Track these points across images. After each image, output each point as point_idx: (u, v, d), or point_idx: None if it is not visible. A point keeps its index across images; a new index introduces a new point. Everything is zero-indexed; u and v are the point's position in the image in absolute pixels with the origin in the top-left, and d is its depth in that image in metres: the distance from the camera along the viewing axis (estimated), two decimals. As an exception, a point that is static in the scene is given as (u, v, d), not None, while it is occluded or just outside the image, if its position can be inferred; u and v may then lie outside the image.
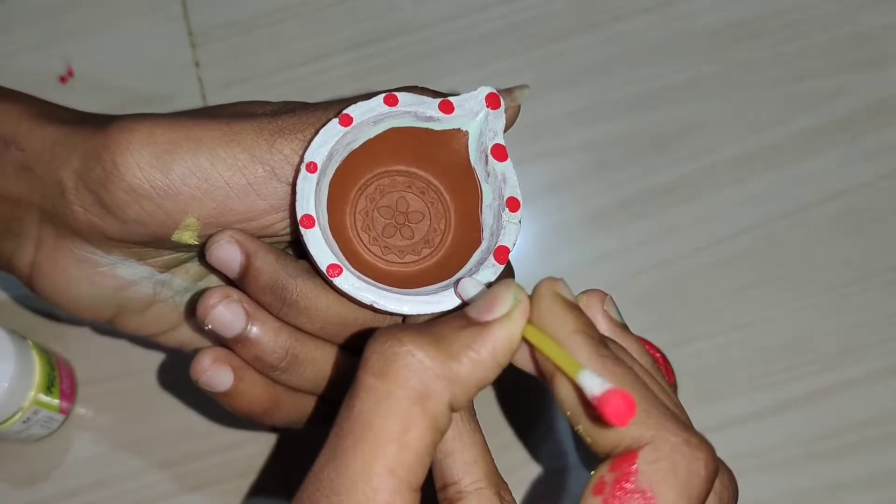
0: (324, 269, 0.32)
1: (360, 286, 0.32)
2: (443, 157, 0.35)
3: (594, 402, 0.24)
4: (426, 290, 0.33)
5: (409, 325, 0.27)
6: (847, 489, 0.45)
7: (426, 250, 0.35)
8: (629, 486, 0.24)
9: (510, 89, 0.35)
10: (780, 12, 0.52)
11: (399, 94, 0.34)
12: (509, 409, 0.47)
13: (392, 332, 0.26)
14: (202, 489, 0.46)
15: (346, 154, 0.34)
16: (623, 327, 0.31)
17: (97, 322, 0.38)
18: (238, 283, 0.34)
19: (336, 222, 0.34)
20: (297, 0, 0.53)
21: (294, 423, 0.37)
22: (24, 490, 0.46)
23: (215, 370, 0.34)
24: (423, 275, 0.34)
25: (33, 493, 0.46)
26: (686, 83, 0.51)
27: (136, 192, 0.32)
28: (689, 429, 0.26)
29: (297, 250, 0.37)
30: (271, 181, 0.33)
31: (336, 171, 0.34)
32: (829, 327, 0.47)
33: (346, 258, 0.33)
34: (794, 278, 0.48)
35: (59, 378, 0.45)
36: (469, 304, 0.28)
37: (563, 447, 0.46)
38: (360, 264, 0.34)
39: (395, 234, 0.35)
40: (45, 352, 0.45)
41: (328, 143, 0.33)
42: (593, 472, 0.26)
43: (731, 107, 0.51)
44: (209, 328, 0.34)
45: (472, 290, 0.31)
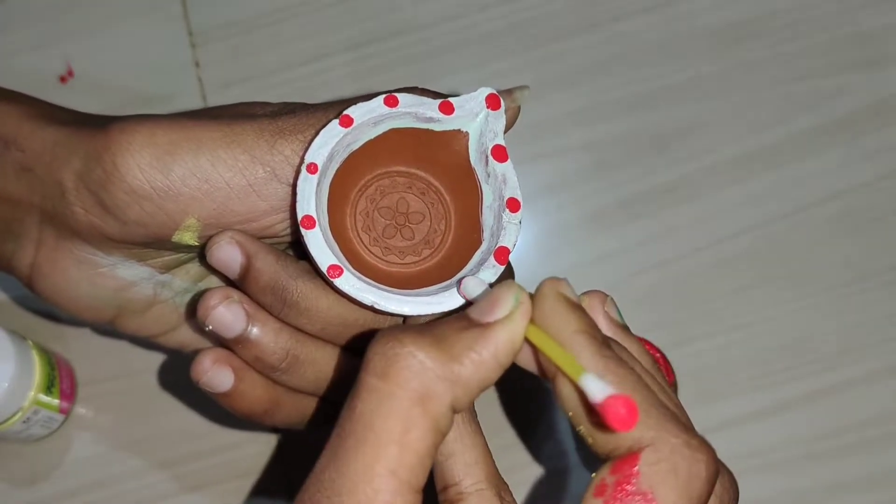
0: (324, 270, 0.32)
1: (361, 287, 0.32)
2: (443, 158, 0.35)
3: (597, 406, 0.24)
4: (427, 290, 0.33)
5: (411, 326, 0.27)
6: (847, 489, 0.45)
7: (427, 251, 0.35)
8: (630, 487, 0.25)
9: (510, 90, 0.35)
10: (780, 12, 0.52)
11: (399, 95, 0.34)
12: (510, 409, 0.47)
13: (393, 334, 0.26)
14: (202, 489, 0.46)
15: (346, 155, 0.34)
16: (624, 328, 0.31)
17: (97, 323, 0.37)
18: (238, 284, 0.34)
19: (336, 223, 0.34)
20: (297, 0, 0.53)
21: (294, 423, 0.37)
22: (24, 490, 0.46)
23: (216, 371, 0.34)
24: (424, 275, 0.34)
25: (33, 493, 0.46)
26: (686, 83, 0.51)
27: (136, 193, 0.32)
28: (689, 430, 0.26)
29: (298, 251, 0.37)
30: (272, 182, 0.33)
31: (336, 172, 0.34)
32: (829, 327, 0.47)
33: (347, 259, 0.33)
34: (794, 278, 0.48)
35: (59, 378, 0.45)
36: (471, 304, 0.28)
37: (564, 447, 0.46)
38: (360, 265, 0.34)
39: (395, 234, 0.35)
40: (45, 352, 0.45)
41: (328, 144, 0.33)
42: (594, 474, 0.26)
43: (731, 107, 0.51)
44: (210, 329, 0.34)
45: (474, 289, 0.31)
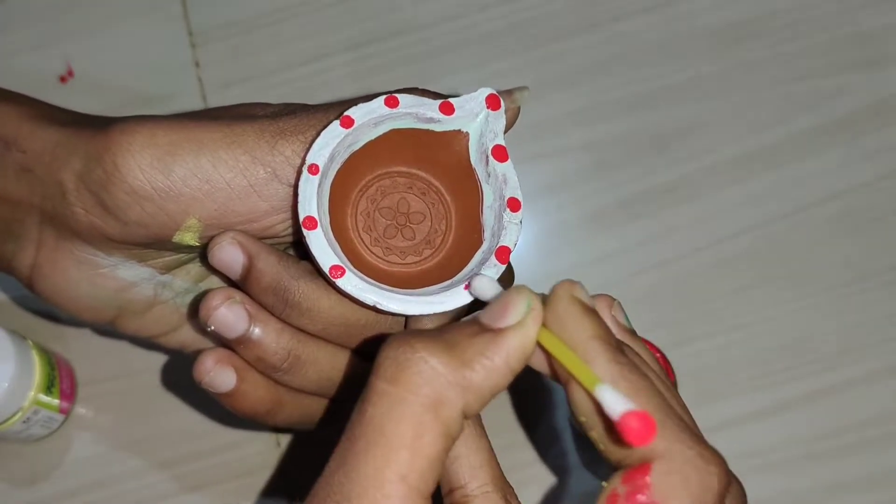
0: (326, 271, 0.32)
1: (363, 287, 0.32)
2: (443, 159, 0.35)
3: (614, 420, 0.24)
4: (429, 290, 0.33)
5: (422, 331, 0.27)
6: (847, 489, 0.45)
7: (427, 251, 0.35)
8: (642, 498, 0.24)
9: (510, 91, 0.35)
10: (780, 12, 0.52)
11: (400, 96, 0.34)
12: (509, 409, 0.47)
13: (405, 338, 0.26)
14: (202, 489, 0.46)
15: (347, 156, 0.34)
16: (631, 333, 0.31)
17: (98, 323, 0.37)
18: (240, 285, 0.34)
19: (337, 224, 0.34)
20: (297, 0, 0.53)
21: (297, 423, 0.37)
22: (24, 490, 0.46)
23: (218, 371, 0.34)
24: (425, 275, 0.34)
25: (33, 493, 0.46)
26: (686, 83, 0.51)
27: (137, 194, 0.32)
28: (702, 442, 0.26)
29: (299, 251, 0.37)
30: (272, 183, 0.33)
31: (337, 172, 0.34)
32: (829, 327, 0.47)
33: (348, 259, 0.33)
34: (794, 278, 0.48)
35: (59, 378, 0.45)
36: (477, 302, 0.28)
37: (564, 447, 0.46)
38: (361, 265, 0.34)
39: (396, 234, 0.35)
40: (45, 352, 0.45)
41: (329, 144, 0.33)
42: (605, 483, 0.26)
43: (731, 107, 0.51)
44: (211, 329, 0.34)
45: (485, 289, 0.31)
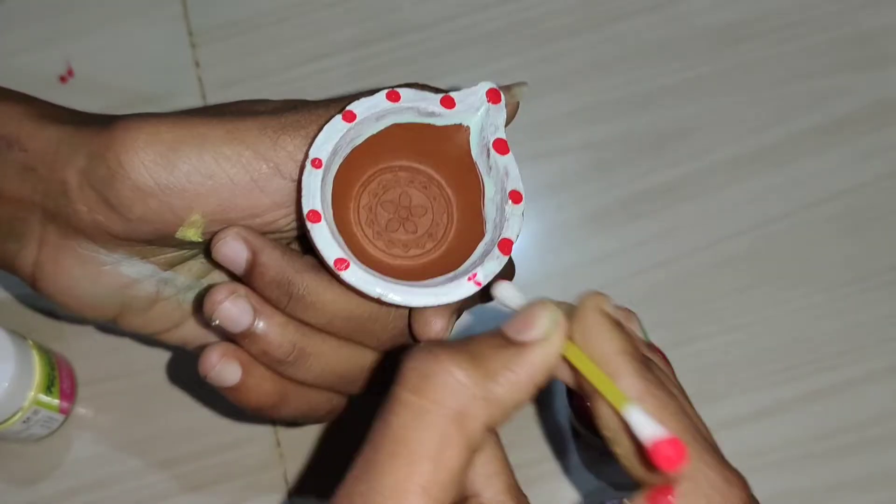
0: (331, 264, 0.32)
1: (368, 279, 0.32)
2: (445, 152, 0.35)
3: (645, 445, 0.24)
4: (432, 282, 0.33)
5: (446, 342, 0.27)
6: (847, 489, 0.45)
7: (430, 244, 0.35)
8: None
9: (508, 86, 0.35)
10: (780, 12, 0.52)
11: (401, 91, 0.34)
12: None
13: (429, 349, 0.26)
14: (202, 489, 0.46)
15: (349, 150, 0.34)
16: (649, 346, 0.31)
17: (100, 321, 0.38)
18: (244, 280, 0.34)
19: (340, 218, 0.34)
20: (297, 0, 0.53)
21: (302, 416, 0.37)
22: (24, 490, 0.46)
23: (223, 365, 0.34)
24: (428, 268, 0.35)
25: (33, 493, 0.46)
26: (686, 83, 0.51)
27: (141, 191, 0.32)
28: (725, 463, 0.26)
29: (302, 246, 0.37)
30: (275, 178, 0.33)
31: (339, 167, 0.34)
32: (829, 327, 0.47)
33: (352, 253, 0.33)
34: (794, 278, 0.48)
35: (59, 378, 0.45)
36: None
37: (566, 448, 0.46)
38: (365, 259, 0.34)
39: (398, 228, 0.35)
40: (45, 352, 0.45)
41: (332, 139, 0.33)
42: (627, 501, 0.26)
43: (731, 107, 0.51)
44: (216, 324, 0.34)
45: (511, 297, 0.30)
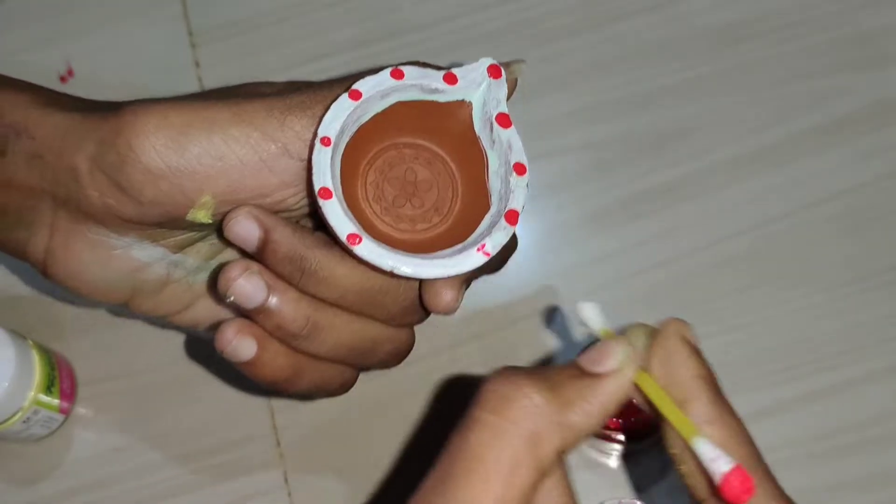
0: (344, 238, 0.33)
1: (380, 252, 0.33)
2: (448, 128, 0.36)
3: (713, 477, 0.26)
4: (442, 254, 0.34)
5: (524, 369, 0.28)
6: (847, 489, 0.45)
7: (436, 218, 0.36)
8: None
9: (507, 63, 0.36)
10: (780, 12, 0.52)
11: (405, 68, 0.35)
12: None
13: (508, 375, 0.27)
14: (202, 489, 0.46)
15: (355, 129, 0.35)
16: None
17: (112, 304, 0.38)
18: (257, 257, 0.35)
19: (348, 195, 0.35)
20: (297, 0, 0.53)
21: (316, 390, 0.38)
22: (24, 490, 0.46)
23: (239, 341, 0.35)
24: (436, 241, 0.36)
25: (33, 493, 0.46)
26: (686, 83, 0.51)
27: (153, 174, 0.33)
28: (782, 491, 0.27)
29: (312, 223, 0.37)
30: (283, 157, 0.34)
31: (346, 145, 0.35)
32: (829, 327, 0.47)
33: (362, 228, 0.34)
34: (794, 278, 0.48)
35: (59, 378, 0.45)
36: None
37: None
38: (374, 234, 0.35)
39: (405, 203, 0.36)
40: (45, 352, 0.45)
41: (339, 117, 0.34)
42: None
43: (731, 107, 0.51)
44: (231, 300, 0.34)
45: (593, 317, 0.31)
